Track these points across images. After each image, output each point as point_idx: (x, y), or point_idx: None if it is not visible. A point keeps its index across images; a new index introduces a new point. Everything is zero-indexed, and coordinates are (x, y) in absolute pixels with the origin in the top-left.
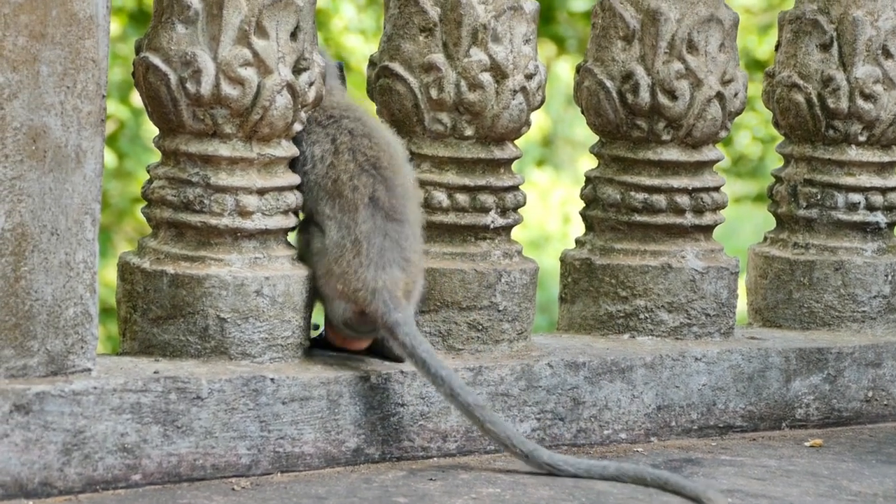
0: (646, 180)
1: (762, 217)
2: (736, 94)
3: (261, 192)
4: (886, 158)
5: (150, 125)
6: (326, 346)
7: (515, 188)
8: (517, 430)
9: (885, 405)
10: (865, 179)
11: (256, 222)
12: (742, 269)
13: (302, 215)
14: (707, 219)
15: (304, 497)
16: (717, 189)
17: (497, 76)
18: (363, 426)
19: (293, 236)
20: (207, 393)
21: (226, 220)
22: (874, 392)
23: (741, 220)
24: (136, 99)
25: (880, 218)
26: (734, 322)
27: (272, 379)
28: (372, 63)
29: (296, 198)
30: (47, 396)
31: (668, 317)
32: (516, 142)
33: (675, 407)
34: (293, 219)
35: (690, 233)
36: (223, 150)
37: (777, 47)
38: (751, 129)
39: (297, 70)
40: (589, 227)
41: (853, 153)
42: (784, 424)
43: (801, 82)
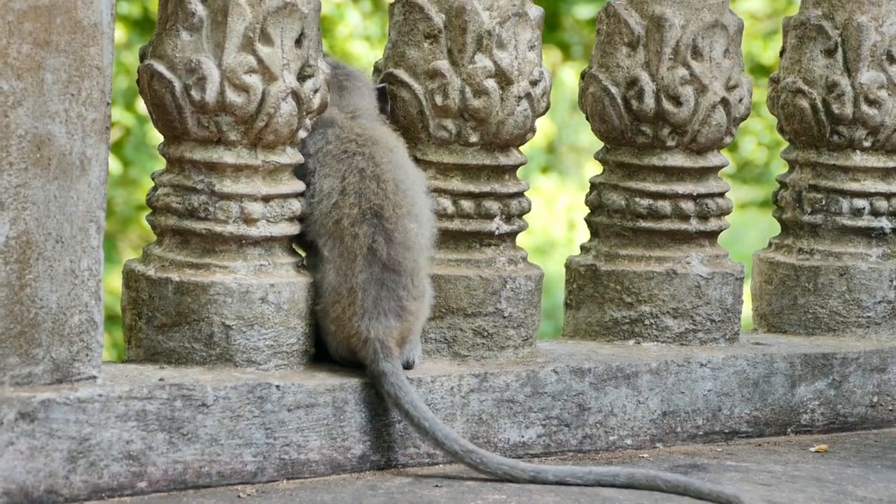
0: (651, 186)
1: (767, 223)
2: (741, 100)
3: (266, 199)
4: (891, 164)
5: (156, 132)
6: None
7: (520, 194)
8: (515, 464)
9: (891, 410)
10: (870, 185)
11: (261, 229)
12: (747, 275)
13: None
14: (712, 224)
15: None
16: (721, 195)
17: (502, 82)
18: (368, 433)
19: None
20: (213, 400)
21: (230, 228)
22: (879, 397)
23: (746, 226)
24: (142, 106)
25: (885, 223)
26: (739, 328)
27: (277, 386)
28: (377, 70)
29: (301, 205)
30: (52, 404)
31: (674, 323)
32: (521, 148)
33: (680, 413)
34: (298, 226)
35: (695, 239)
36: (228, 157)
37: (782, 53)
38: (756, 134)
39: (301, 77)
40: (594, 233)
41: (858, 159)
42: (789, 430)
43: (805, 88)
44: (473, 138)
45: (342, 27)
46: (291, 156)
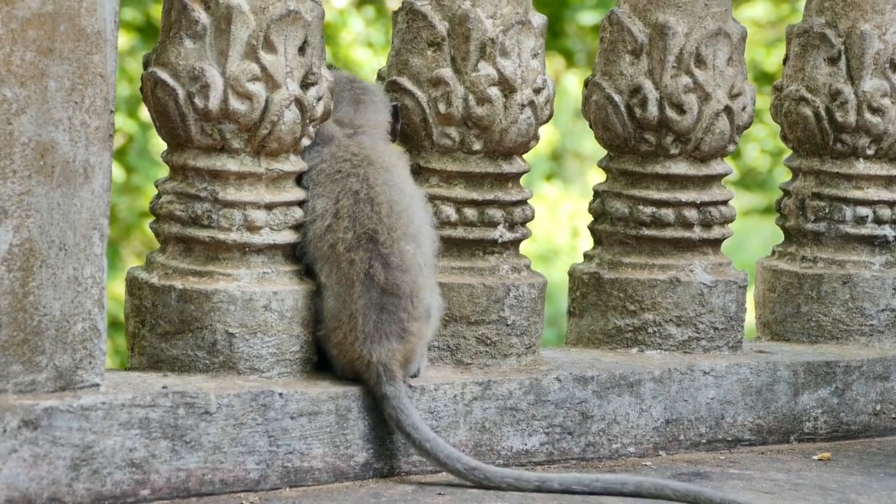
0: (654, 194)
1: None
2: (744, 108)
3: (269, 206)
4: (894, 172)
5: (159, 139)
6: None
7: (524, 202)
8: (519, 475)
9: (894, 418)
10: (873, 193)
11: (265, 237)
12: (750, 283)
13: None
14: (715, 232)
15: None
16: (725, 203)
17: (505, 90)
18: (372, 441)
19: None
20: (216, 408)
21: (234, 235)
22: (882, 405)
23: (749, 234)
24: (145, 113)
25: (888, 231)
26: (742, 336)
27: (281, 394)
28: (380, 77)
29: (304, 213)
30: (56, 412)
31: (677, 331)
32: (524, 156)
33: (683, 421)
34: (301, 233)
35: (699, 246)
36: (231, 164)
37: (785, 61)
38: (759, 142)
39: (305, 85)
40: (597, 241)
41: (861, 167)
42: (792, 438)
43: (808, 96)
44: (477, 146)
45: (345, 34)
46: (295, 163)
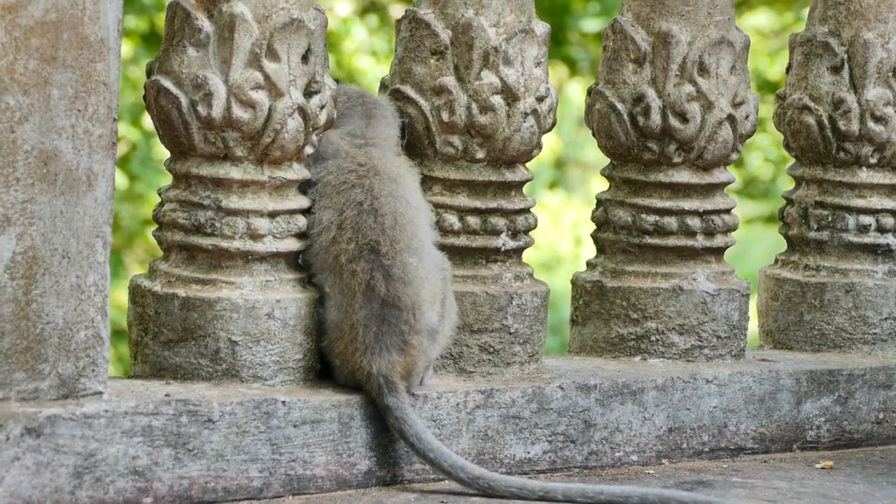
0: (657, 203)
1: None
2: (747, 117)
3: (272, 215)
4: None
5: (162, 147)
6: None
7: (527, 211)
8: (523, 484)
9: None
10: (876, 202)
11: (268, 245)
12: (753, 291)
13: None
14: (718, 241)
15: None
16: (728, 211)
17: (508, 99)
18: (375, 449)
19: None
20: (219, 416)
21: (237, 243)
22: (885, 414)
23: (752, 242)
24: (148, 121)
25: (891, 240)
26: (745, 344)
27: (283, 402)
28: (383, 86)
29: (307, 221)
30: (58, 419)
31: (680, 339)
32: (527, 164)
33: (686, 429)
34: (305, 241)
35: (701, 255)
36: (234, 173)
37: (788, 69)
38: (762, 150)
39: (308, 93)
40: (600, 249)
41: (864, 175)
42: (795, 446)
43: (812, 104)
44: (480, 154)
45: (348, 42)
46: (298, 171)
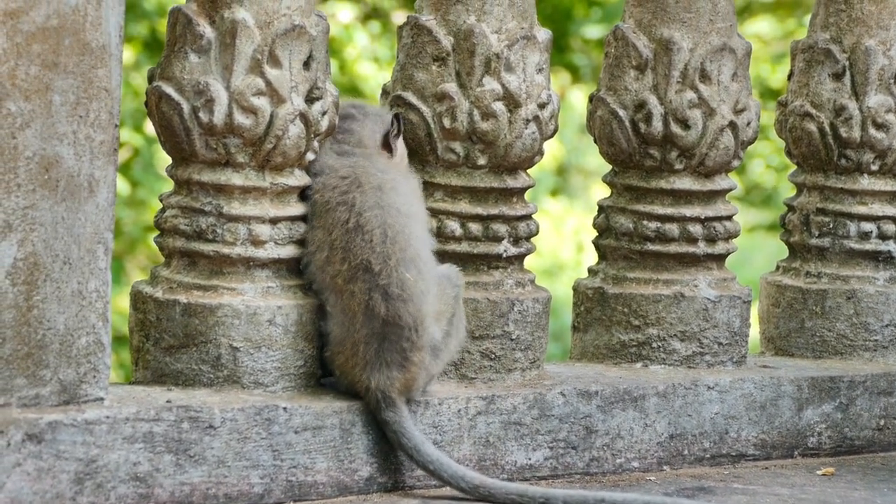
0: (658, 209)
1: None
2: (748, 124)
3: (273, 221)
4: None
5: (164, 153)
6: None
7: (528, 217)
8: (524, 491)
9: None
10: (878, 208)
11: (269, 251)
12: (754, 298)
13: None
14: (720, 248)
15: None
16: (729, 218)
17: (510, 105)
18: (376, 455)
19: None
20: (220, 422)
21: (238, 250)
22: (886, 420)
23: (754, 249)
24: (150, 127)
25: (892, 247)
26: (747, 351)
27: (285, 408)
28: (385, 92)
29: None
30: (59, 426)
31: (681, 346)
32: (529, 170)
33: (687, 435)
34: (306, 248)
35: (703, 262)
36: (236, 179)
37: (790, 76)
38: (764, 157)
39: (309, 99)
40: (601, 256)
41: (865, 182)
42: (796, 453)
43: (813, 111)
44: (481, 161)
45: (351, 49)
46: (299, 178)
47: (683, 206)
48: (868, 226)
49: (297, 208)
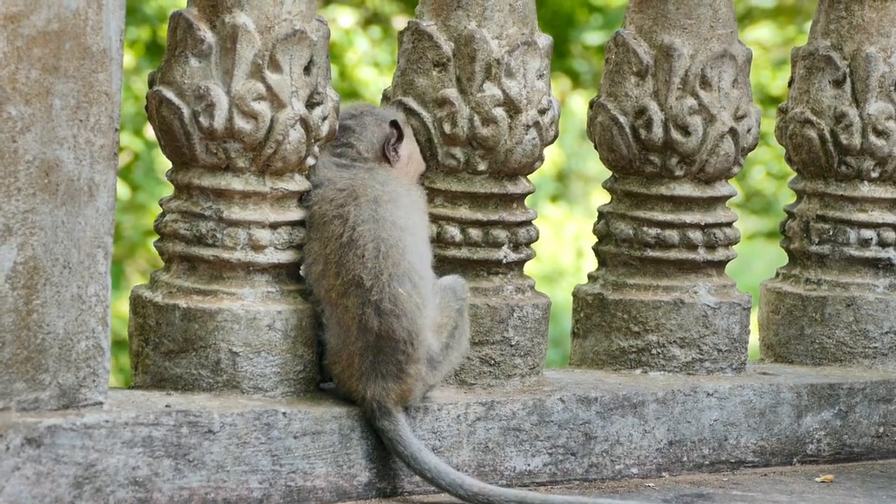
0: (658, 216)
1: (775, 253)
2: (749, 130)
3: (273, 226)
4: None
5: (164, 158)
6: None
7: (528, 223)
8: (523, 497)
9: None
10: (878, 216)
11: (269, 256)
12: (754, 305)
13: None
14: (719, 254)
15: None
16: (729, 225)
17: (510, 111)
18: (375, 460)
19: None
20: (219, 427)
21: (238, 254)
22: (885, 428)
23: (754, 256)
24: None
25: (892, 254)
26: (746, 357)
27: (284, 413)
28: (385, 97)
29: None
30: (59, 430)
31: (680, 352)
32: (529, 176)
33: (686, 442)
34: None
35: (703, 268)
36: (236, 184)
37: (790, 83)
38: (764, 164)
39: (310, 104)
40: (601, 262)
41: (865, 189)
42: (795, 460)
43: (814, 118)
44: (482, 167)
45: (351, 54)
46: (300, 183)
47: (683, 213)
48: (868, 233)
49: (297, 213)
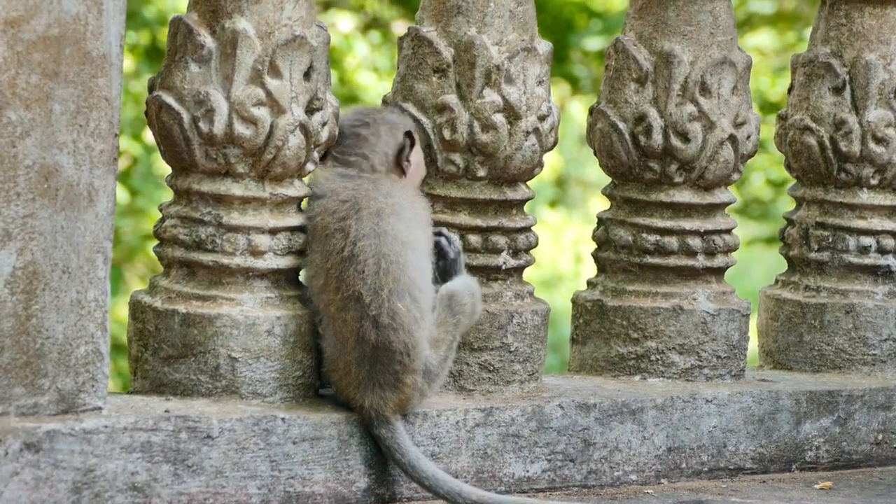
0: (658, 222)
1: (774, 259)
2: (748, 137)
3: (273, 231)
4: None
5: (163, 162)
6: None
7: (528, 229)
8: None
9: (895, 448)
10: (877, 223)
11: (268, 262)
12: (753, 312)
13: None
14: (719, 261)
15: None
16: (728, 231)
17: (510, 117)
18: (374, 466)
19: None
20: (218, 432)
21: (238, 260)
22: (884, 435)
23: (753, 262)
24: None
25: (891, 261)
26: (745, 364)
27: (283, 418)
28: (385, 103)
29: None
30: (58, 435)
31: (679, 359)
32: (529, 182)
33: (685, 449)
34: (305, 259)
35: (702, 275)
36: (236, 189)
37: (790, 90)
38: (763, 171)
39: (310, 110)
40: (601, 268)
41: (865, 196)
42: (794, 467)
43: (813, 125)
44: (481, 172)
45: (350, 59)
46: (299, 188)
47: (683, 220)
48: (867, 240)
49: (297, 219)
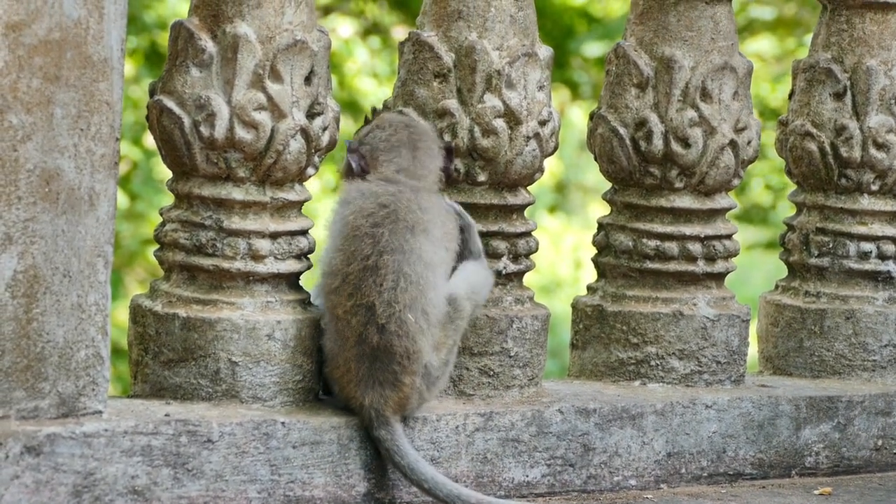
0: (658, 227)
1: (774, 265)
2: (749, 143)
3: (273, 235)
4: None
5: (163, 166)
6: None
7: (528, 234)
8: None
9: (895, 454)
10: (877, 228)
11: (269, 266)
12: (753, 317)
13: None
14: (719, 266)
15: None
16: (729, 237)
17: (511, 122)
18: (373, 471)
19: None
20: (218, 436)
21: (238, 264)
22: (884, 441)
23: (753, 268)
24: (150, 140)
25: (892, 267)
26: (745, 370)
27: (283, 423)
28: (385, 107)
29: (308, 242)
30: (58, 438)
31: (679, 364)
32: (529, 187)
33: (685, 454)
34: (306, 263)
35: (702, 280)
36: (236, 193)
37: (790, 96)
38: (763, 176)
39: (310, 114)
40: (601, 273)
41: (865, 202)
42: (794, 472)
43: (814, 131)
44: (482, 178)
45: (351, 64)
46: (300, 193)
47: (683, 225)
48: (867, 246)
49: (298, 223)
